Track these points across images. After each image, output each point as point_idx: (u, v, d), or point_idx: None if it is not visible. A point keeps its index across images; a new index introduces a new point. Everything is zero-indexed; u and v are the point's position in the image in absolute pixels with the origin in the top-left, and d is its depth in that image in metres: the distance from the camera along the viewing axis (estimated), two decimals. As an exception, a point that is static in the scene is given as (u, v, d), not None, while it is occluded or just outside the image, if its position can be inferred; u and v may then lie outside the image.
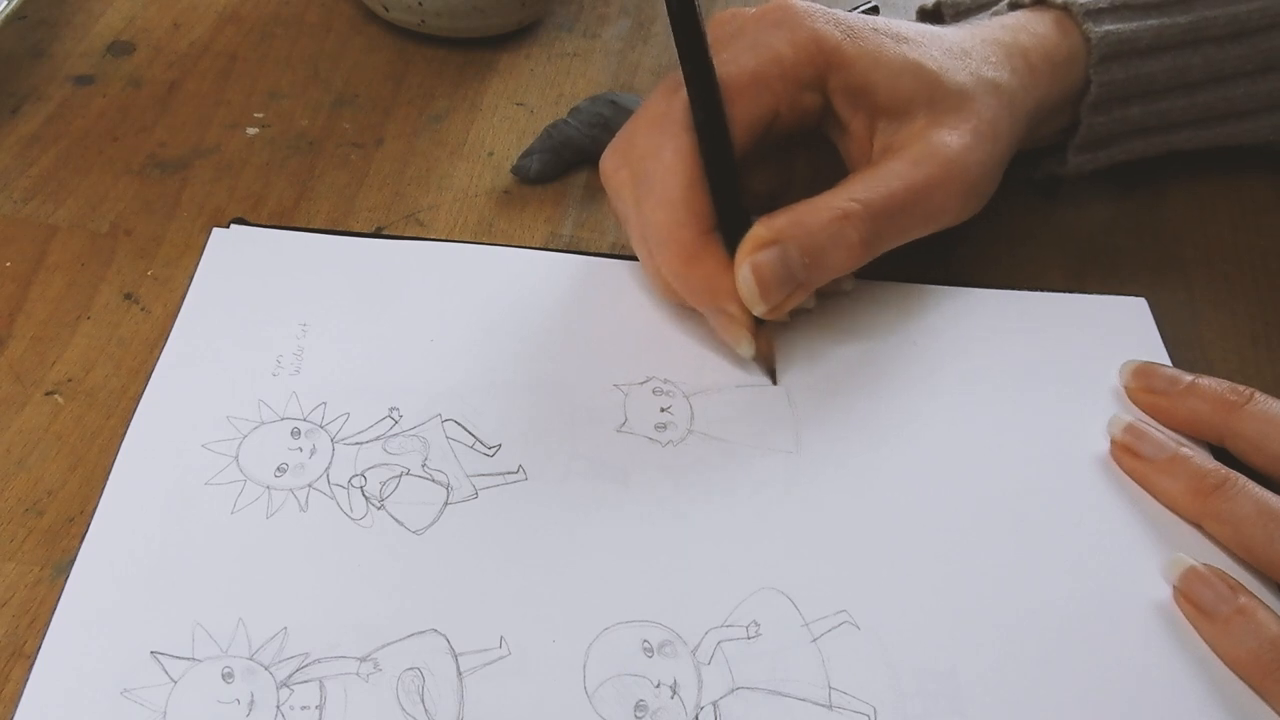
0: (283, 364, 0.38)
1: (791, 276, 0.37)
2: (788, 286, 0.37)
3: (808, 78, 0.39)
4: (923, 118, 0.39)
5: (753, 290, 0.36)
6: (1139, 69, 0.43)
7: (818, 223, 0.37)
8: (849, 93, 0.39)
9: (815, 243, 0.37)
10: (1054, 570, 0.35)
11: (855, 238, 0.37)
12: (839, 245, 0.37)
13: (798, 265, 0.36)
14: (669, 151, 0.37)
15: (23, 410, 0.37)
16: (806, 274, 0.37)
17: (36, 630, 0.32)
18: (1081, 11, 0.42)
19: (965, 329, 0.41)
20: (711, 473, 0.37)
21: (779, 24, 0.39)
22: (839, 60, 0.38)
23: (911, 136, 0.39)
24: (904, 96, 0.39)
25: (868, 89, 0.39)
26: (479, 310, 0.41)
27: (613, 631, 0.32)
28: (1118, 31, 0.42)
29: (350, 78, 0.51)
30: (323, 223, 0.44)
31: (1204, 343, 0.42)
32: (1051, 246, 0.46)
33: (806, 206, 0.37)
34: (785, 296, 0.37)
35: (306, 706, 0.30)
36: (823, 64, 0.38)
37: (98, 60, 0.50)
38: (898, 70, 0.39)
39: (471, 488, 0.36)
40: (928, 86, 0.39)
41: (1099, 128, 0.44)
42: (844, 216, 0.37)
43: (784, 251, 0.36)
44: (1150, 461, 0.37)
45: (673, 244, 0.37)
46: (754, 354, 0.38)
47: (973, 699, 0.32)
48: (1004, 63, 0.41)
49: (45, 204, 0.44)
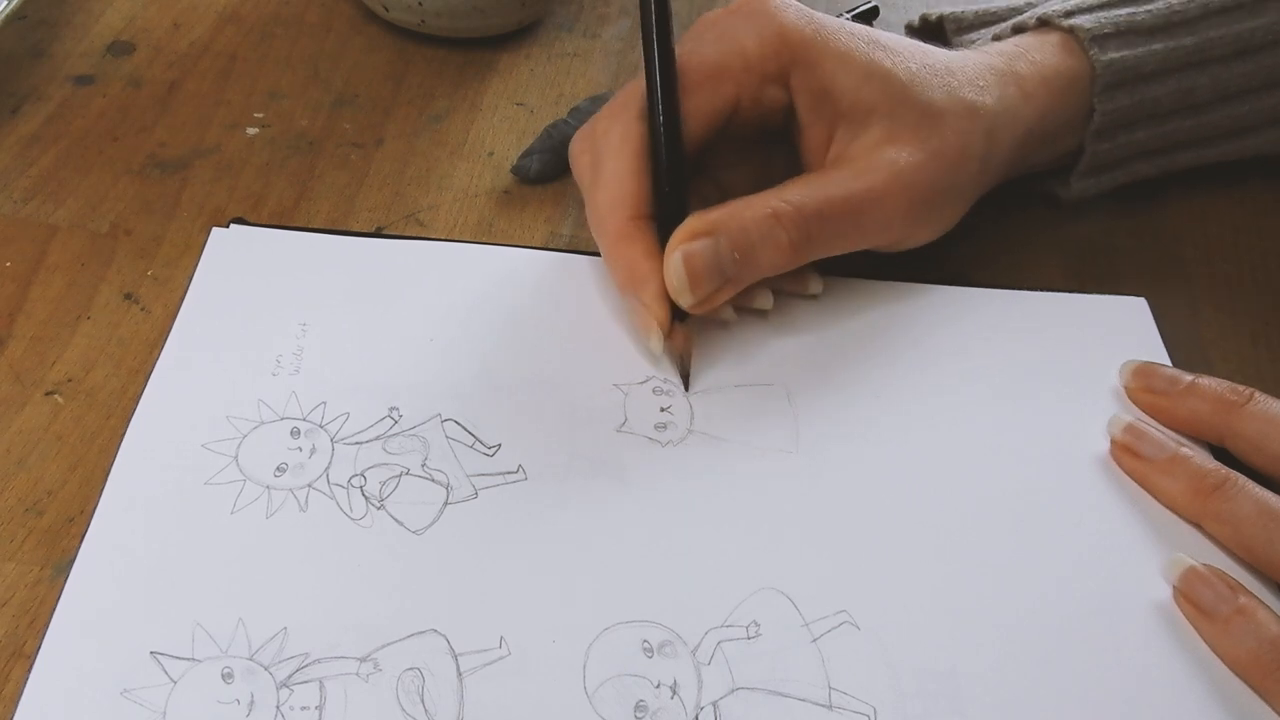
0: (282, 363, 0.38)
1: (721, 270, 0.36)
2: (716, 279, 0.36)
3: (771, 71, 0.38)
4: (880, 130, 0.38)
5: (682, 279, 0.36)
6: (1144, 94, 0.43)
7: (750, 219, 0.37)
8: (811, 93, 0.39)
9: (747, 239, 0.36)
10: (1054, 570, 0.35)
11: (784, 239, 0.37)
12: (768, 244, 0.37)
13: (728, 259, 0.36)
14: (617, 136, 0.38)
15: (23, 410, 0.37)
16: (736, 269, 0.37)
17: (36, 630, 0.32)
18: (1088, 37, 0.42)
19: (965, 329, 0.41)
20: (711, 473, 0.37)
21: (749, 16, 0.39)
22: (805, 57, 0.38)
23: (864, 149, 0.38)
24: (865, 105, 0.38)
25: (830, 91, 0.38)
26: (479, 310, 0.41)
27: (613, 631, 0.32)
28: (1123, 59, 0.42)
29: (350, 78, 0.51)
30: (323, 223, 0.44)
31: (1204, 343, 0.42)
32: (1051, 246, 0.46)
33: (743, 202, 0.37)
34: (714, 289, 0.37)
35: (306, 707, 0.30)
36: (787, 59, 0.38)
37: (98, 60, 0.50)
38: (863, 76, 0.38)
39: (471, 488, 0.36)
40: (891, 98, 0.38)
41: (1103, 154, 0.44)
42: (774, 216, 0.37)
43: (715, 244, 0.36)
44: (1150, 461, 0.37)
45: (606, 224, 0.38)
46: (661, 349, 0.38)
47: (973, 699, 0.32)
48: (993, 87, 0.40)
49: (45, 204, 0.44)
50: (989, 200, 0.43)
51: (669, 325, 0.38)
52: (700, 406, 0.38)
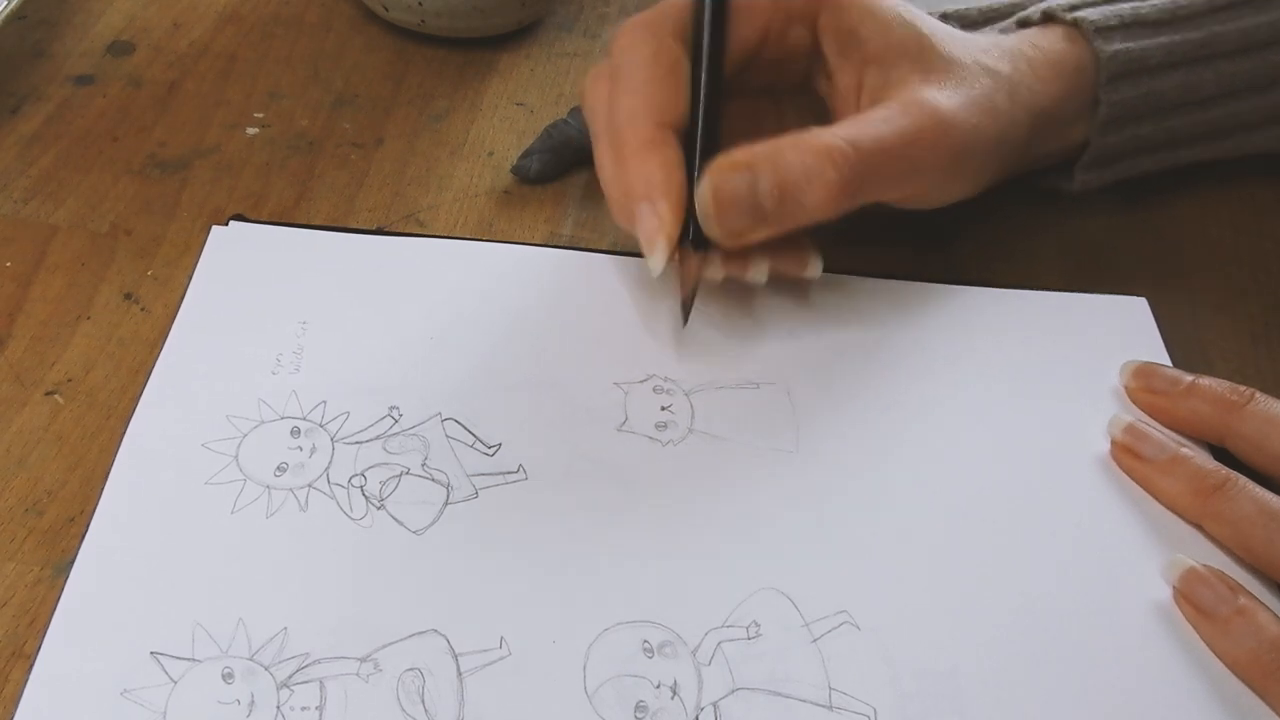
0: (282, 362, 0.38)
1: (757, 206, 0.34)
2: (749, 216, 0.34)
3: (798, 10, 0.38)
4: (913, 71, 0.38)
5: (708, 208, 0.34)
6: (1149, 86, 0.43)
7: (797, 155, 0.34)
8: (838, 36, 0.38)
9: (790, 176, 0.34)
10: (1054, 570, 0.35)
11: (835, 177, 0.34)
12: (815, 183, 0.34)
13: (766, 195, 0.34)
14: (648, 49, 0.36)
15: (23, 410, 0.37)
16: (774, 206, 0.34)
17: (36, 630, 0.32)
18: (1092, 29, 0.42)
19: (965, 329, 0.41)
20: (711, 473, 0.37)
21: None
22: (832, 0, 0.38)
23: (901, 86, 0.37)
24: (895, 46, 0.38)
25: (857, 34, 0.38)
26: (479, 309, 0.41)
27: (613, 632, 0.32)
28: (1128, 50, 0.42)
29: (350, 78, 0.51)
30: (322, 222, 0.44)
31: (1204, 343, 0.42)
32: (1052, 246, 0.46)
33: (790, 139, 0.35)
34: (745, 226, 0.35)
35: (306, 707, 0.30)
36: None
37: (98, 60, 0.50)
38: (890, 22, 0.38)
39: (471, 487, 0.36)
40: (919, 43, 0.38)
41: (1109, 147, 0.44)
42: (827, 152, 0.34)
43: (754, 177, 0.34)
44: (1150, 462, 0.37)
45: (628, 129, 0.35)
46: (661, 267, 0.35)
47: (973, 699, 0.32)
48: (1005, 60, 0.40)
49: (45, 204, 0.44)
50: (990, 198, 0.43)
51: (677, 243, 0.35)
52: (700, 406, 0.38)
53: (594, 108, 0.39)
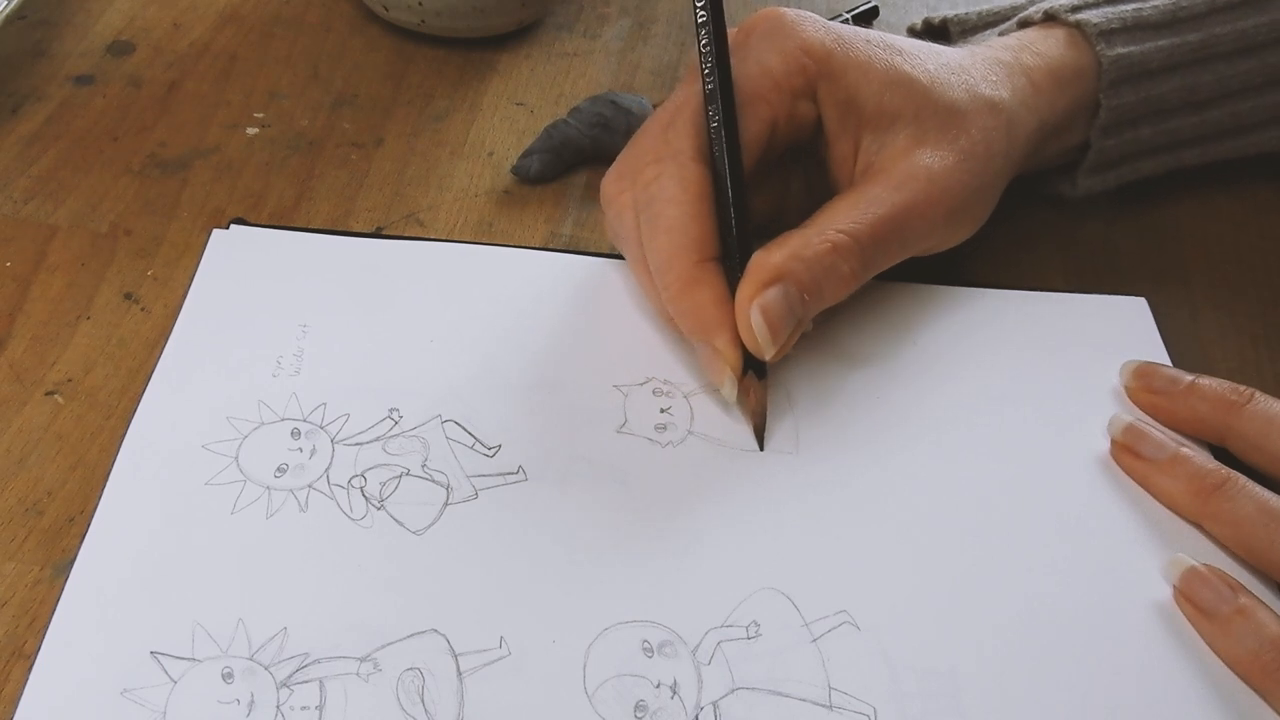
0: (283, 364, 0.38)
1: (793, 314, 0.36)
2: (791, 324, 0.36)
3: (799, 87, 0.38)
4: (906, 135, 0.38)
5: (765, 334, 0.36)
6: (1149, 90, 0.43)
7: (813, 257, 0.36)
8: (836, 104, 0.39)
9: (813, 278, 0.36)
10: (1054, 570, 0.35)
11: (846, 270, 0.36)
12: (831, 278, 0.36)
13: (798, 302, 0.36)
14: (674, 181, 0.37)
15: (23, 410, 0.37)
16: (805, 309, 0.36)
17: (36, 630, 0.32)
18: (1095, 31, 0.42)
19: (966, 329, 0.41)
20: (711, 473, 0.37)
21: (767, 35, 0.39)
22: (828, 70, 0.38)
23: (894, 156, 0.38)
24: (890, 110, 0.38)
25: (854, 100, 0.38)
26: (479, 310, 0.41)
27: (613, 631, 0.32)
28: (1129, 55, 0.42)
29: (350, 78, 0.51)
30: (323, 223, 0.44)
31: (1204, 343, 0.42)
32: (1052, 247, 0.46)
33: (799, 239, 0.37)
34: (791, 336, 0.36)
35: (306, 707, 0.30)
36: (813, 73, 0.38)
37: (98, 60, 0.50)
38: (886, 82, 0.38)
39: (471, 488, 0.36)
40: (915, 101, 0.38)
41: (1109, 151, 0.44)
42: (834, 249, 0.36)
43: (786, 290, 0.36)
44: (1151, 461, 0.37)
45: (672, 270, 0.37)
46: (735, 397, 0.37)
47: (973, 699, 0.32)
48: (1005, 82, 0.40)
49: (45, 204, 0.44)
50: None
51: (742, 373, 0.37)
52: (700, 407, 0.38)
53: (623, 237, 0.40)
